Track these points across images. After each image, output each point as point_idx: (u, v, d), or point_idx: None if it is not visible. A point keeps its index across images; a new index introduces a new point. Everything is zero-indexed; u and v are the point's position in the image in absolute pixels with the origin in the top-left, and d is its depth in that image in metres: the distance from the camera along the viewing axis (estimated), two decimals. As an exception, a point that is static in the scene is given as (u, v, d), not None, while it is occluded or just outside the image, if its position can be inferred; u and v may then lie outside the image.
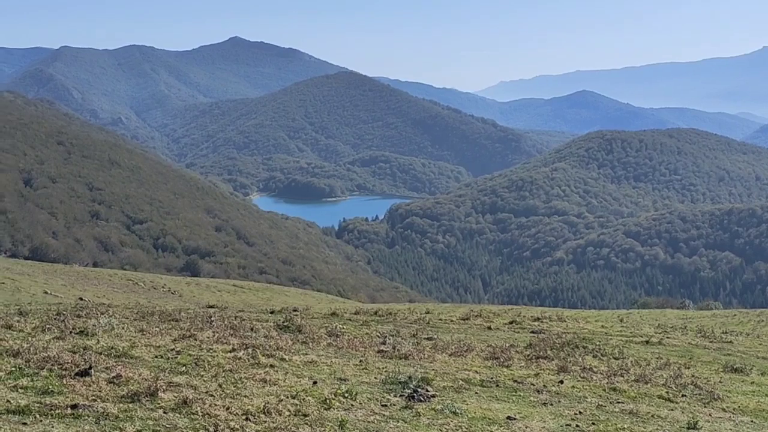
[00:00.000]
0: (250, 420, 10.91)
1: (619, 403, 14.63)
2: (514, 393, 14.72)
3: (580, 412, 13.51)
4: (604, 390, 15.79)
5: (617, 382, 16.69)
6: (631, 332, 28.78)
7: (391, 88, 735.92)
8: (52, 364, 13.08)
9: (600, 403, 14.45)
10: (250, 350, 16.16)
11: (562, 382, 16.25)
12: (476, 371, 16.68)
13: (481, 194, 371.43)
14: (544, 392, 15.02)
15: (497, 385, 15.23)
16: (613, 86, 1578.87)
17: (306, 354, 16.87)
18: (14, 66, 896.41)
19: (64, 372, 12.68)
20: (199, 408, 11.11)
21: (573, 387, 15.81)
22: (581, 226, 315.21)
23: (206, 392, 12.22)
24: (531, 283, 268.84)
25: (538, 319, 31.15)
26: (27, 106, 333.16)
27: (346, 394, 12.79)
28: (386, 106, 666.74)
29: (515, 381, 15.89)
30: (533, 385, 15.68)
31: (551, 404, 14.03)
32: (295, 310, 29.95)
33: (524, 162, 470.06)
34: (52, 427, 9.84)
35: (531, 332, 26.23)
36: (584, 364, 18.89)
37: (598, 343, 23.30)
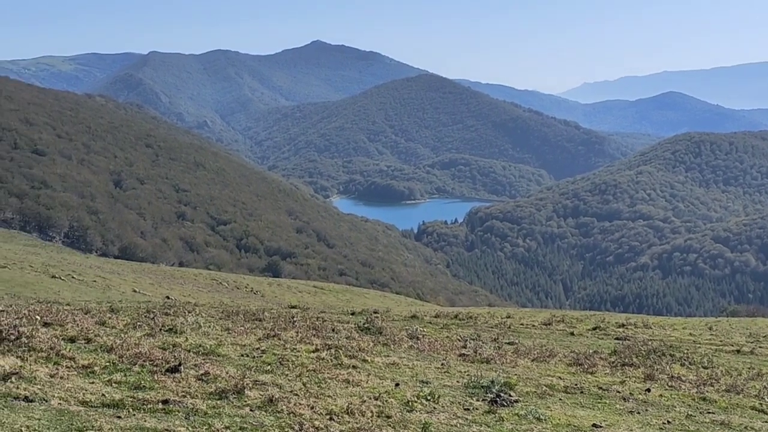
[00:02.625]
0: (333, 420, 11.02)
1: (709, 413, 14.21)
2: (599, 400, 14.47)
3: (668, 422, 13.18)
4: (694, 399, 15.38)
5: (707, 391, 16.22)
6: (720, 341, 27.96)
7: (472, 90, 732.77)
8: (143, 360, 13.48)
9: (689, 412, 14.07)
10: (332, 351, 16.33)
11: (649, 390, 15.89)
12: (560, 377, 16.46)
13: (562, 198, 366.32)
14: (631, 400, 14.71)
15: (582, 392, 14.99)
16: (702, 87, 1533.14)
17: (387, 356, 16.94)
18: (106, 71, 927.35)
19: (155, 368, 13.06)
20: (284, 406, 11.28)
21: (661, 396, 15.44)
22: (667, 231, 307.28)
23: (291, 391, 12.40)
24: (614, 289, 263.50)
25: (623, 325, 30.57)
26: (117, 110, 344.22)
27: (429, 397, 12.79)
28: (466, 109, 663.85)
29: (600, 388, 15.62)
30: (619, 392, 15.37)
31: (638, 413, 13.73)
32: (375, 312, 30.11)
33: (608, 165, 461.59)
34: (145, 421, 10.13)
35: (615, 339, 25.76)
36: (672, 372, 18.43)
37: (686, 351, 22.70)
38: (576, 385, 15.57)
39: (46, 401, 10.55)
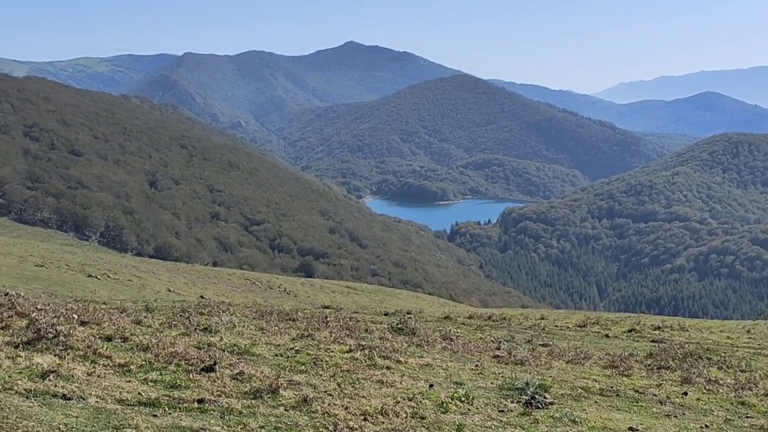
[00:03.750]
0: (368, 420, 11.01)
1: (748, 417, 13.98)
2: (635, 403, 14.31)
3: (706, 426, 13.00)
4: (732, 403, 15.14)
5: (746, 395, 15.97)
6: (758, 344, 27.49)
7: (506, 90, 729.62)
8: (179, 360, 13.59)
9: (728, 416, 13.86)
10: (366, 351, 16.33)
11: (686, 393, 15.68)
12: (595, 379, 16.31)
13: (597, 198, 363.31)
14: (668, 404, 14.54)
15: (618, 395, 14.84)
16: (741, 87, 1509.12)
17: (421, 357, 16.90)
18: (141, 72, 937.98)
19: (190, 367, 13.16)
20: (318, 407, 11.31)
21: (698, 399, 15.23)
22: (704, 233, 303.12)
23: (325, 391, 12.43)
24: (649, 291, 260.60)
25: (659, 328, 30.20)
26: (153, 111, 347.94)
27: (463, 398, 12.74)
28: (500, 109, 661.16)
29: (636, 391, 15.45)
30: (656, 395, 15.20)
31: (675, 416, 13.55)
32: (408, 313, 30.09)
33: (643, 166, 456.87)
34: (180, 420, 10.20)
35: (651, 341, 25.46)
36: (709, 375, 18.16)
37: (723, 355, 22.38)
38: (612, 387, 15.42)
39: (84, 399, 10.67)
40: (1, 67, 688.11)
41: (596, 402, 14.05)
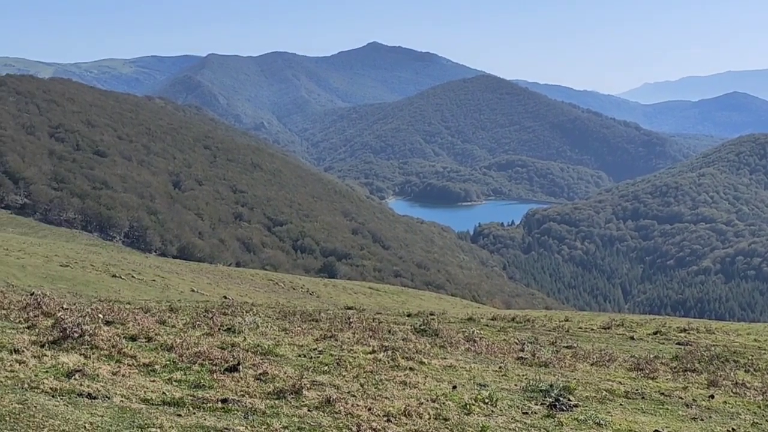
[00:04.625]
0: (391, 422, 10.99)
1: (776, 421, 13.79)
2: (661, 406, 14.17)
3: (733, 429, 12.84)
4: (759, 407, 14.93)
5: (773, 399, 15.74)
6: (787, 347, 27.12)
7: (529, 91, 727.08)
8: (203, 360, 13.65)
9: (755, 420, 13.67)
10: (389, 352, 16.30)
11: (712, 396, 15.50)
12: (620, 382, 16.18)
13: (622, 200, 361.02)
14: (694, 407, 14.37)
15: (643, 397, 14.70)
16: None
17: (444, 358, 16.85)
18: (165, 73, 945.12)
19: (214, 367, 13.21)
20: (341, 407, 11.30)
21: (725, 402, 15.05)
22: (730, 234, 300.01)
23: (348, 392, 12.42)
24: (675, 293, 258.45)
25: (685, 330, 29.88)
26: (176, 112, 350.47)
27: (487, 400, 12.68)
28: (524, 110, 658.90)
29: (662, 394, 15.29)
30: (681, 398, 15.03)
31: (702, 419, 13.40)
32: (431, 314, 30.04)
33: (669, 167, 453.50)
34: (204, 419, 10.23)
35: (677, 344, 25.21)
36: (736, 378, 17.94)
37: (750, 358, 22.11)
38: (637, 390, 15.28)
39: (109, 398, 10.74)
40: (26, 68, 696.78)
41: (621, 405, 13.93)
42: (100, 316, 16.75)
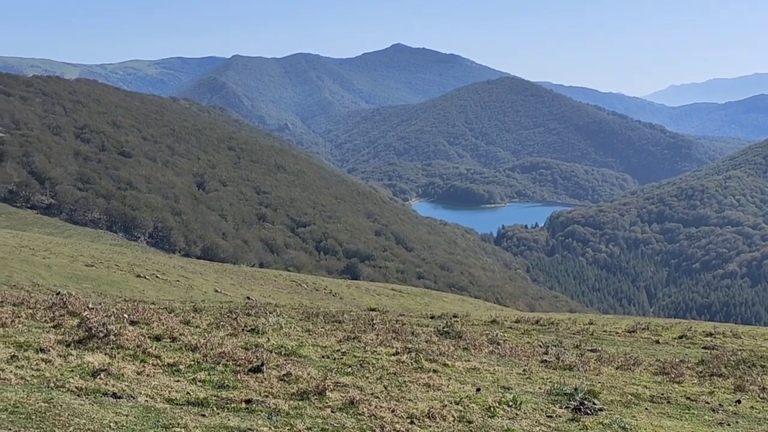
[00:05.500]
0: (414, 423, 10.95)
1: (805, 428, 13.58)
2: (687, 411, 14.01)
3: (760, 435, 12.67)
4: (788, 413, 14.72)
5: (802, 405, 15.51)
6: (815, 353, 26.73)
7: (554, 93, 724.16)
8: (227, 360, 13.68)
9: (783, 426, 13.47)
10: (413, 354, 16.25)
11: (739, 401, 15.31)
12: (645, 386, 16.02)
13: (647, 202, 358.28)
14: (720, 411, 14.20)
15: (669, 402, 14.55)
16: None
17: (468, 360, 16.77)
18: (190, 74, 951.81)
19: (238, 368, 13.25)
20: (365, 409, 11.27)
21: (752, 408, 14.85)
22: (757, 238, 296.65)
23: (372, 394, 12.39)
24: (700, 297, 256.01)
25: (711, 334, 29.54)
26: (201, 113, 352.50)
27: (511, 403, 12.60)
28: (548, 112, 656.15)
29: (688, 398, 15.13)
30: (708, 403, 14.86)
31: (728, 424, 13.24)
32: (455, 316, 29.94)
33: (695, 170, 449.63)
34: (228, 420, 10.26)
35: (703, 348, 24.93)
36: (763, 383, 17.69)
37: (778, 363, 21.79)
38: (662, 394, 15.13)
39: (134, 398, 10.80)
40: (53, 69, 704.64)
41: (647, 409, 13.79)
42: (126, 316, 16.85)
